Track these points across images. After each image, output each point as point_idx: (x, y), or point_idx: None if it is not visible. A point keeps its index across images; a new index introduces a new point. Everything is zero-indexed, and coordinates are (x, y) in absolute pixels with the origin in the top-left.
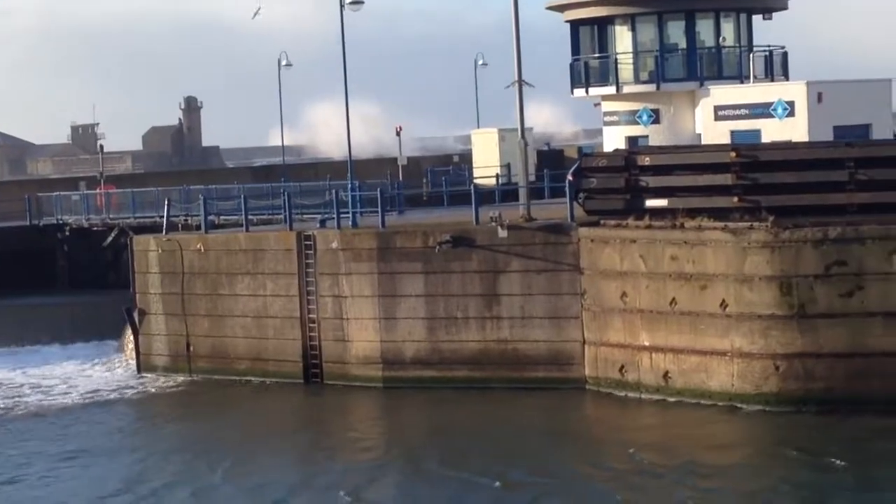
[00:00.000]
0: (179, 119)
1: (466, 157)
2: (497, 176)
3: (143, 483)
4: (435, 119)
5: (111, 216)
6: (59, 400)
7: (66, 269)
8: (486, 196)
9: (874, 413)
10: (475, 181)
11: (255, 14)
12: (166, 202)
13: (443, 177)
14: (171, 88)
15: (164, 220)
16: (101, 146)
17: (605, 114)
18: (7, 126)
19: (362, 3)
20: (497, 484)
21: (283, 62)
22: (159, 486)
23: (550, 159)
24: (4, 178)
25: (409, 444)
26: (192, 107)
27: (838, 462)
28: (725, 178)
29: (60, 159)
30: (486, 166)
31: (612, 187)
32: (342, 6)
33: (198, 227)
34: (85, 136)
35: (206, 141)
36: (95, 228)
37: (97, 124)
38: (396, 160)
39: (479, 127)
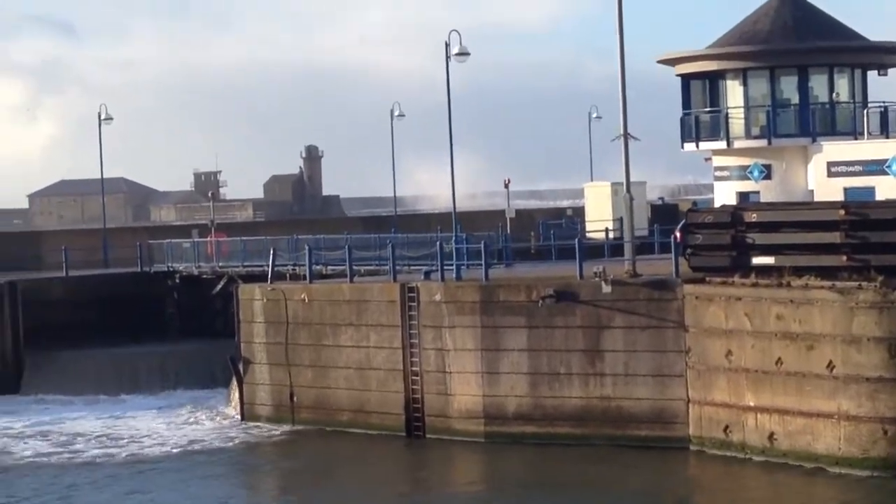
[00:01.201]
0: (300, 168)
1: (580, 211)
2: (606, 230)
3: None
4: (550, 172)
5: (220, 264)
6: (162, 447)
7: (175, 317)
8: (596, 250)
9: None
10: (585, 235)
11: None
12: (271, 252)
13: (552, 230)
14: (292, 137)
15: (269, 269)
16: (213, 194)
17: (716, 169)
18: (132, 173)
19: (468, 54)
20: None
21: (396, 113)
22: None
23: (664, 213)
24: (126, 225)
25: (508, 500)
26: (312, 156)
27: None
28: (834, 237)
29: (183, 206)
30: (599, 220)
31: (718, 244)
32: (448, 58)
33: (305, 277)
34: (207, 184)
35: (327, 190)
36: (205, 276)
37: (219, 172)
38: (505, 212)
39: (592, 180)
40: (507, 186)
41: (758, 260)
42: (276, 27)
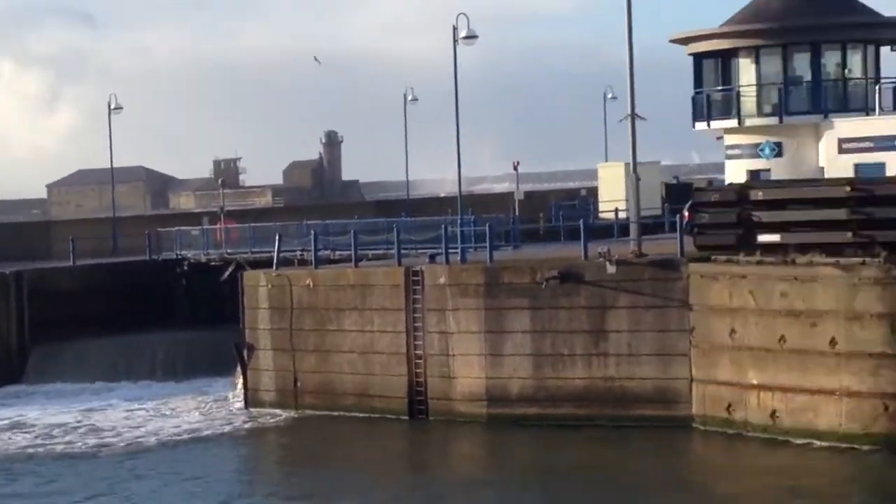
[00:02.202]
0: (320, 153)
1: (595, 192)
2: (616, 210)
3: None
4: (567, 154)
5: (229, 251)
6: (165, 435)
7: (183, 304)
8: (606, 231)
9: None
10: (598, 215)
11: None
12: (277, 237)
13: (560, 211)
14: (312, 123)
15: (275, 255)
16: (223, 181)
17: (728, 147)
18: (151, 161)
19: (476, 37)
20: None
21: (409, 97)
22: None
23: (678, 193)
24: (145, 213)
25: (510, 483)
26: (332, 141)
27: None
28: (840, 213)
29: (202, 193)
30: (612, 200)
31: (724, 222)
32: (455, 41)
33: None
34: (227, 171)
35: (348, 175)
36: (213, 263)
37: (239, 159)
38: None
39: (607, 160)
40: (516, 168)
41: (764, 238)
42: (295, 16)
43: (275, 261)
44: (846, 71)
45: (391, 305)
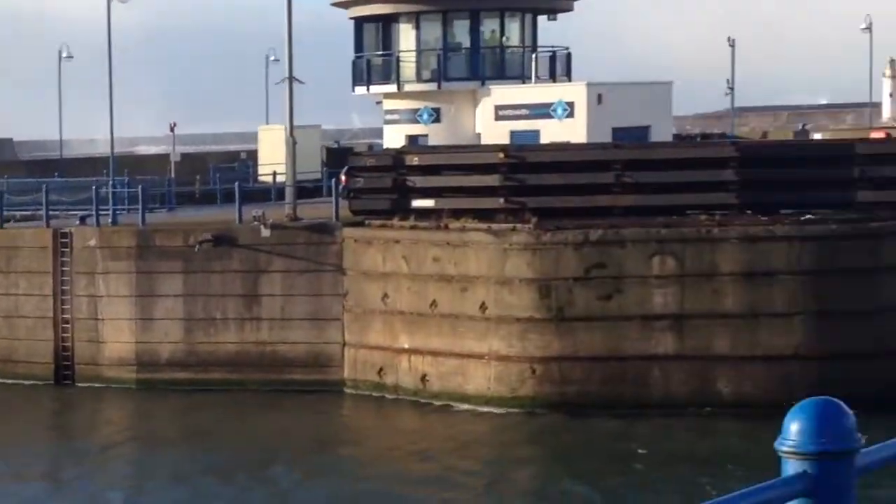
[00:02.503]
0: None
1: (255, 154)
2: (274, 174)
3: None
4: (231, 116)
5: None
6: None
7: None
8: (265, 194)
9: (626, 416)
10: (258, 179)
11: None
12: None
13: (218, 174)
14: None
15: None
16: None
17: (387, 112)
18: None
19: None
20: (242, 491)
21: (65, 54)
22: None
23: (339, 157)
24: None
25: (151, 447)
26: None
27: (581, 465)
28: (493, 179)
29: None
30: (272, 164)
31: (379, 187)
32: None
33: None
34: None
35: (0, 132)
36: None
37: None
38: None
39: (268, 123)
40: (172, 130)
41: (419, 203)
42: None
43: None
44: (504, 39)
45: (38, 268)
